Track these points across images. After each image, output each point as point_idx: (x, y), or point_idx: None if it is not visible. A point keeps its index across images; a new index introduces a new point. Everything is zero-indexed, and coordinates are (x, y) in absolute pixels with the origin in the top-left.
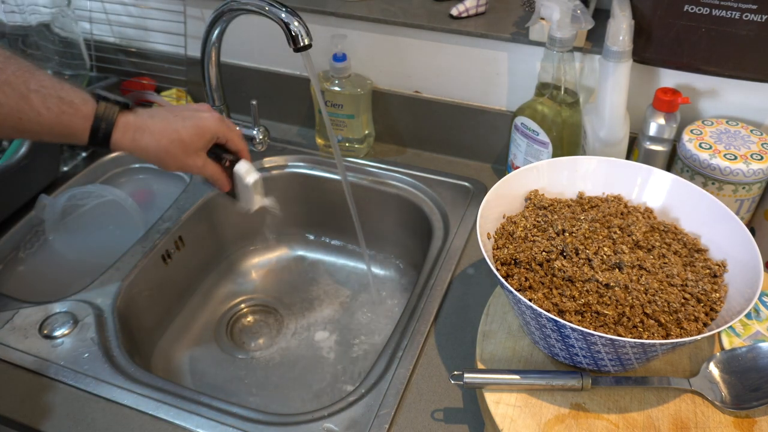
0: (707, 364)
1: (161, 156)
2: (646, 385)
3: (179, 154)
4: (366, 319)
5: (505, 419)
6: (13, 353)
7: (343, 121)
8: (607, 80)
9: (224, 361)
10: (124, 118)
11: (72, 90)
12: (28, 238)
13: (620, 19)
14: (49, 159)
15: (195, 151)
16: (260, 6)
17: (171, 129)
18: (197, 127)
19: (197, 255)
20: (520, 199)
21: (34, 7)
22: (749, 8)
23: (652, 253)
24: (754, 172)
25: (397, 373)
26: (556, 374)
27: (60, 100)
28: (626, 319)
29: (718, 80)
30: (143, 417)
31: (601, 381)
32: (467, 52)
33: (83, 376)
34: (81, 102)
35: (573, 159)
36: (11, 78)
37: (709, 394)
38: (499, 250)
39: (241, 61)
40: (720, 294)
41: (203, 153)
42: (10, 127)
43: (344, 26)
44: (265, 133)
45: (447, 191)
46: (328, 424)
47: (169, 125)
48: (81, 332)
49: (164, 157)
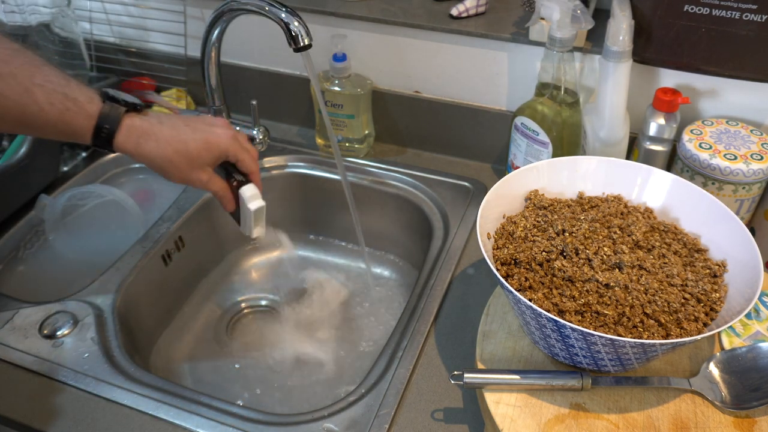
0: (707, 364)
1: (164, 165)
2: (646, 385)
3: (184, 166)
4: (366, 319)
5: (505, 419)
6: (13, 353)
7: (343, 121)
8: (607, 80)
9: (224, 361)
10: (130, 121)
11: (79, 87)
12: (28, 238)
13: (620, 19)
14: (49, 159)
15: (201, 166)
16: (260, 6)
17: (178, 139)
18: (207, 141)
19: (197, 255)
20: (520, 199)
21: (34, 7)
22: (749, 8)
23: (652, 253)
24: (754, 172)
25: (397, 373)
26: (556, 374)
27: (65, 96)
28: (626, 319)
29: (718, 80)
30: (143, 417)
31: (601, 381)
32: (467, 52)
33: (83, 376)
34: (86, 100)
35: (573, 159)
36: (16, 70)
37: (709, 394)
38: (499, 250)
39: (241, 61)
40: (720, 294)
41: (210, 168)
42: (13, 120)
43: (344, 26)
44: (265, 133)
45: (447, 191)
46: (328, 424)
47: (178, 134)
48: (81, 332)
49: (167, 167)
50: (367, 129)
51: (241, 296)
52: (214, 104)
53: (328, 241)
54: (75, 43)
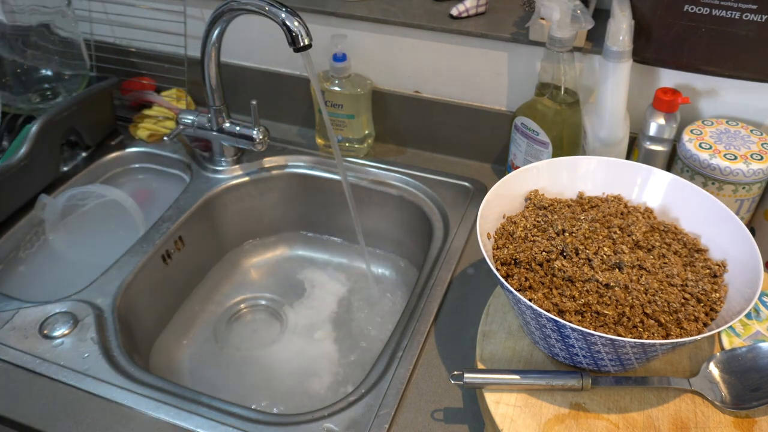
0: (707, 364)
1: None
2: (646, 385)
3: None
4: (366, 319)
5: (505, 419)
6: (13, 353)
7: (343, 121)
8: (607, 80)
9: (224, 361)
10: None
11: None
12: (28, 238)
13: (620, 19)
14: (49, 159)
15: None
16: (260, 6)
17: None
18: None
19: (197, 255)
20: (520, 199)
21: (34, 7)
22: (749, 8)
23: (652, 253)
24: (754, 172)
25: (397, 373)
26: (556, 374)
27: None
28: (626, 319)
29: (718, 80)
30: (143, 417)
31: (601, 381)
32: (467, 52)
33: (83, 376)
34: None
35: (573, 159)
36: None
37: (709, 394)
38: (499, 250)
39: (241, 61)
40: (720, 294)
41: None
42: None
43: (344, 26)
44: (265, 133)
45: (447, 191)
46: (328, 424)
47: None
48: (81, 332)
49: None
50: (367, 129)
51: (241, 296)
52: (214, 104)
53: (328, 241)
54: (75, 43)
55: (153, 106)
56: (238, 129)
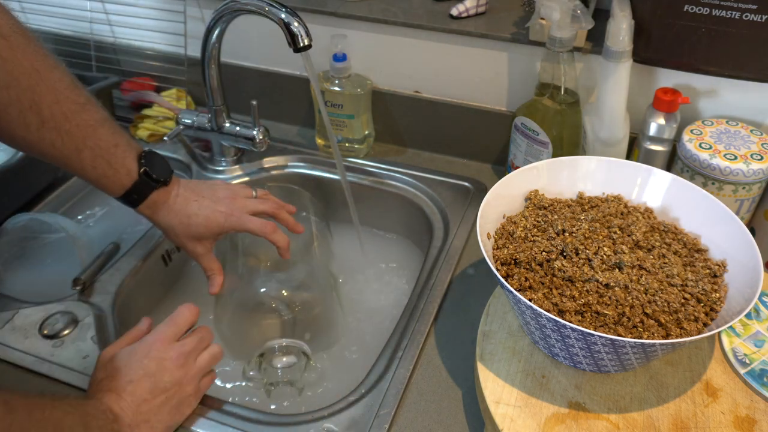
0: None
1: (167, 231)
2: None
3: (181, 234)
4: (365, 319)
5: (505, 419)
6: (13, 353)
7: (343, 121)
8: (607, 80)
9: (223, 360)
10: (155, 196)
11: (123, 156)
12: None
13: (620, 19)
14: None
15: (198, 238)
16: (260, 6)
17: (184, 213)
18: (207, 218)
19: None
20: (520, 199)
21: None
22: (749, 8)
23: (652, 253)
24: (754, 172)
25: (397, 373)
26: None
27: (108, 164)
28: (626, 319)
29: (718, 80)
30: None
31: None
32: (467, 52)
33: (83, 376)
34: (125, 173)
35: (573, 159)
36: (74, 129)
37: None
38: (499, 250)
39: (241, 61)
40: (720, 294)
41: (210, 242)
42: (53, 159)
43: (344, 26)
44: (265, 133)
45: (447, 191)
46: (328, 424)
47: (185, 208)
48: (81, 332)
49: (168, 233)
50: (367, 129)
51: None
52: (214, 104)
53: None
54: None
55: (153, 106)
56: (238, 129)
